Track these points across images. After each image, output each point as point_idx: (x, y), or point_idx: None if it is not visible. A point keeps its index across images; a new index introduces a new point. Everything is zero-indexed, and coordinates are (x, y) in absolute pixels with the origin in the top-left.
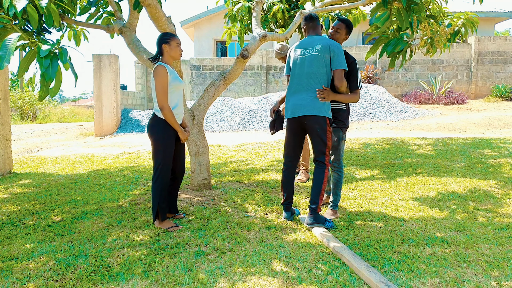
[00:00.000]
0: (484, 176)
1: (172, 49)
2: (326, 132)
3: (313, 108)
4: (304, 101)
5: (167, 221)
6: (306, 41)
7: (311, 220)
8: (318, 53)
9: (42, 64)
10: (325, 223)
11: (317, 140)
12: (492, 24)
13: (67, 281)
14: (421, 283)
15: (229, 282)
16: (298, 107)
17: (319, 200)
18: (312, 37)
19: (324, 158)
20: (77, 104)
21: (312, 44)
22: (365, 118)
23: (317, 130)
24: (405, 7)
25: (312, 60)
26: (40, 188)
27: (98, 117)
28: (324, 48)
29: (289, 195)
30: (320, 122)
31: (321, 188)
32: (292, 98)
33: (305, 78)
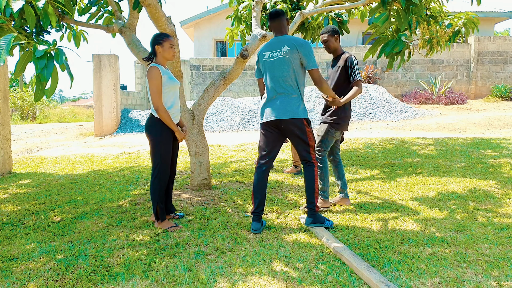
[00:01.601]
0: (484, 176)
1: (165, 50)
2: (305, 132)
3: (288, 112)
4: (279, 105)
5: (167, 221)
6: (272, 42)
7: (311, 220)
8: (285, 55)
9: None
10: (324, 223)
11: (298, 142)
12: (492, 24)
13: (67, 281)
14: (421, 283)
15: (229, 282)
16: (273, 111)
17: (315, 199)
18: (278, 38)
19: (310, 157)
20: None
21: (279, 45)
22: (365, 118)
23: (296, 132)
24: (404, 8)
25: (280, 63)
26: (40, 188)
27: (98, 117)
28: (291, 50)
29: (261, 201)
30: (297, 124)
31: (314, 187)
32: (267, 102)
33: (277, 81)
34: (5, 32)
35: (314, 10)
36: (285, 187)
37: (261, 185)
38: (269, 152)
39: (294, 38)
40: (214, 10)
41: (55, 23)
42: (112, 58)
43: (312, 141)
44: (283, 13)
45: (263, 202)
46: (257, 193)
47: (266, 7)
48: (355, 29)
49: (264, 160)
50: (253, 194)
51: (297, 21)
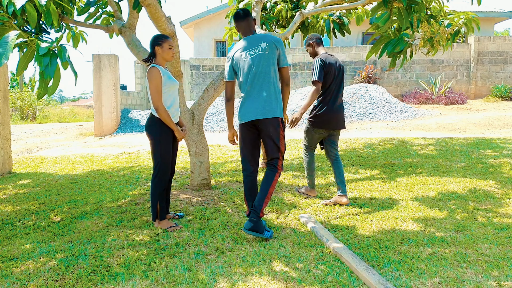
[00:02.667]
0: (484, 176)
1: (164, 51)
2: (279, 135)
3: (268, 111)
4: (258, 104)
5: (166, 221)
6: (247, 41)
7: (250, 225)
8: (265, 51)
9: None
10: (263, 233)
11: (270, 144)
12: (492, 24)
13: (67, 281)
14: (421, 283)
15: (229, 282)
16: (252, 111)
17: (263, 204)
18: (251, 37)
19: (277, 162)
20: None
21: (256, 43)
22: (365, 118)
23: (271, 133)
24: (406, 7)
25: (260, 59)
26: (39, 188)
27: (97, 117)
28: (270, 46)
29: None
30: (274, 124)
31: (268, 192)
32: (246, 102)
33: (256, 79)
34: (7, 29)
35: (314, 10)
36: (284, 187)
37: (251, 189)
38: (254, 156)
39: (268, 34)
40: (214, 10)
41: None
42: (112, 58)
43: (283, 146)
44: (249, 12)
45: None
46: (250, 196)
47: (266, 6)
48: (355, 29)
49: (249, 164)
50: (245, 198)
51: (297, 21)
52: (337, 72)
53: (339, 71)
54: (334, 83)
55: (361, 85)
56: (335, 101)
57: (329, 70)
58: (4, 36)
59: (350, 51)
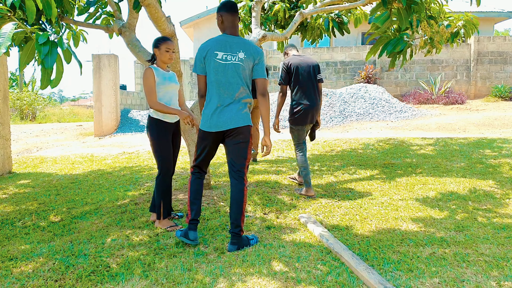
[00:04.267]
0: (484, 176)
1: (162, 54)
2: (248, 143)
3: (241, 120)
4: (229, 114)
5: (167, 220)
6: (226, 42)
7: (235, 248)
8: (241, 63)
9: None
10: (249, 243)
11: (238, 154)
12: (491, 24)
13: (67, 281)
14: (421, 283)
15: (228, 282)
16: (223, 121)
17: (241, 221)
18: (232, 38)
19: (243, 173)
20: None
21: (234, 49)
22: (365, 118)
23: (240, 141)
24: (405, 7)
25: (235, 69)
26: (39, 188)
27: (97, 117)
28: (248, 57)
29: (199, 210)
30: (245, 133)
31: (242, 208)
32: (215, 109)
33: (230, 88)
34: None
35: (314, 10)
36: (284, 187)
37: (199, 194)
38: (207, 161)
39: (250, 43)
40: (214, 10)
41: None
42: (111, 58)
43: (249, 155)
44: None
45: (199, 210)
46: (196, 200)
47: (264, 6)
48: (355, 29)
49: (200, 169)
50: (190, 202)
51: (296, 21)
52: (306, 71)
53: (309, 70)
54: (304, 82)
55: (361, 85)
56: (310, 99)
57: (294, 71)
58: (3, 28)
59: (350, 51)
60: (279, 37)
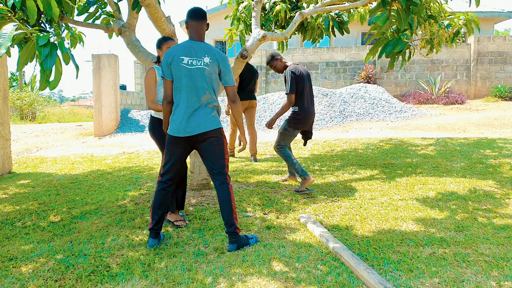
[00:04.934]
0: (484, 176)
1: (163, 54)
2: (223, 144)
3: (208, 124)
4: (197, 118)
5: (175, 214)
6: (192, 47)
7: (234, 246)
8: (206, 67)
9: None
10: (249, 242)
11: (215, 156)
12: (491, 24)
13: (67, 281)
14: (421, 283)
15: (228, 282)
16: (192, 126)
17: (234, 219)
18: (198, 44)
19: (225, 173)
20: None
21: (199, 54)
22: (365, 118)
23: (213, 144)
24: (404, 8)
25: (201, 73)
26: (39, 188)
27: (97, 117)
28: (212, 62)
29: (161, 218)
30: (217, 135)
31: (232, 206)
32: (183, 114)
33: (196, 92)
34: (6, 23)
35: (314, 10)
36: (284, 187)
37: (162, 203)
38: (177, 169)
39: (215, 49)
40: (214, 10)
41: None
42: (111, 58)
43: (227, 154)
44: (206, 16)
45: (162, 219)
46: (158, 210)
47: (265, 7)
48: (355, 29)
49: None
50: (152, 211)
51: (296, 21)
52: (306, 79)
53: (308, 78)
54: (306, 89)
55: (360, 85)
56: (311, 105)
57: (300, 79)
58: (3, 28)
59: (350, 51)
60: (279, 37)
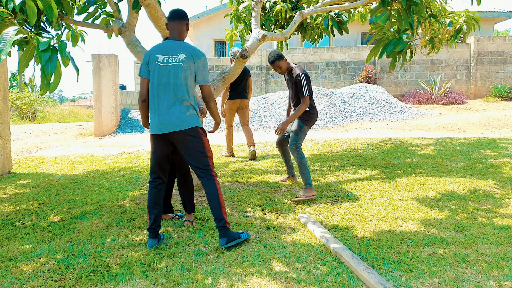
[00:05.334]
0: (484, 176)
1: None
2: (202, 142)
3: (183, 122)
4: (173, 116)
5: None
6: (168, 46)
7: (225, 241)
8: (182, 63)
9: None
10: (240, 237)
11: (195, 154)
12: (491, 24)
13: (67, 281)
14: (421, 283)
15: (228, 282)
16: (167, 123)
17: (223, 214)
18: (174, 42)
19: (210, 169)
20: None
21: (175, 51)
22: (365, 118)
23: (192, 142)
24: (405, 8)
25: (176, 70)
26: (39, 188)
27: (97, 117)
28: (188, 59)
29: (158, 217)
30: (193, 134)
31: (220, 201)
32: (159, 111)
33: (171, 90)
34: (7, 26)
35: (314, 10)
36: (284, 187)
37: (156, 202)
38: (163, 167)
39: (192, 47)
40: (214, 10)
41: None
42: (111, 58)
43: (210, 152)
44: (187, 17)
45: (158, 218)
46: (154, 209)
47: (265, 6)
48: (355, 29)
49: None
50: (148, 210)
51: (296, 21)
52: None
53: None
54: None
55: (360, 85)
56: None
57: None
58: (4, 32)
59: (349, 51)
60: (279, 37)
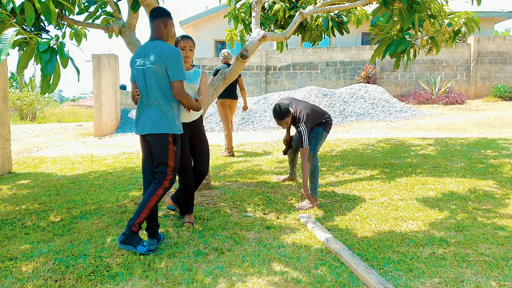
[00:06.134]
0: (484, 176)
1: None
2: (167, 150)
3: (155, 126)
4: (148, 118)
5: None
6: (144, 48)
7: (121, 238)
8: (152, 66)
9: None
10: (136, 247)
11: (158, 159)
12: (491, 24)
13: (67, 281)
14: (421, 283)
15: (228, 282)
16: (143, 125)
17: (138, 217)
18: (150, 43)
19: (164, 176)
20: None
21: (147, 53)
22: (365, 118)
23: (158, 148)
24: (407, 7)
25: (149, 73)
26: (39, 188)
27: (97, 117)
28: (157, 59)
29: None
30: (161, 139)
31: (145, 206)
32: (139, 113)
33: (148, 92)
34: (6, 27)
35: (314, 10)
36: (284, 187)
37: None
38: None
39: (164, 45)
40: (214, 10)
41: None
42: (111, 58)
43: (172, 162)
44: (165, 14)
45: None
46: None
47: (264, 6)
48: (355, 29)
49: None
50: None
51: (296, 21)
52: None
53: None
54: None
55: (360, 85)
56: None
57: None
58: (3, 33)
59: (350, 51)
60: (279, 37)
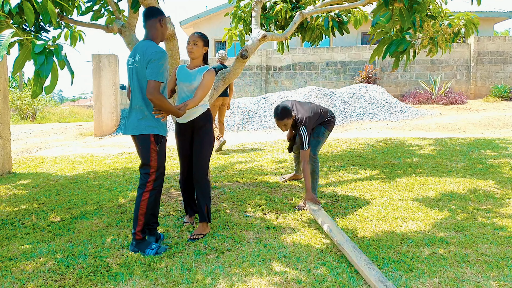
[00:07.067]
0: (484, 176)
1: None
2: (149, 150)
3: (136, 128)
4: (130, 118)
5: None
6: (135, 47)
7: (131, 248)
8: (137, 65)
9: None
10: (145, 251)
11: (141, 159)
12: (491, 24)
13: (67, 281)
14: (421, 283)
15: (228, 282)
16: (127, 125)
17: (137, 225)
18: (140, 43)
19: (147, 178)
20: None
21: (136, 53)
22: (365, 118)
23: (140, 148)
24: (407, 7)
25: (136, 72)
26: (39, 188)
27: (97, 117)
28: (141, 59)
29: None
30: (142, 140)
31: (138, 214)
32: (128, 113)
33: (135, 92)
34: (3, 28)
35: (314, 10)
36: (284, 187)
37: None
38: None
39: (150, 45)
40: (214, 10)
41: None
42: (111, 58)
43: (154, 162)
44: (159, 12)
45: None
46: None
47: (265, 6)
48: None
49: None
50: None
51: (296, 21)
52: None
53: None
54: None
55: (360, 85)
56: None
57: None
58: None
59: (350, 51)
60: (279, 37)
